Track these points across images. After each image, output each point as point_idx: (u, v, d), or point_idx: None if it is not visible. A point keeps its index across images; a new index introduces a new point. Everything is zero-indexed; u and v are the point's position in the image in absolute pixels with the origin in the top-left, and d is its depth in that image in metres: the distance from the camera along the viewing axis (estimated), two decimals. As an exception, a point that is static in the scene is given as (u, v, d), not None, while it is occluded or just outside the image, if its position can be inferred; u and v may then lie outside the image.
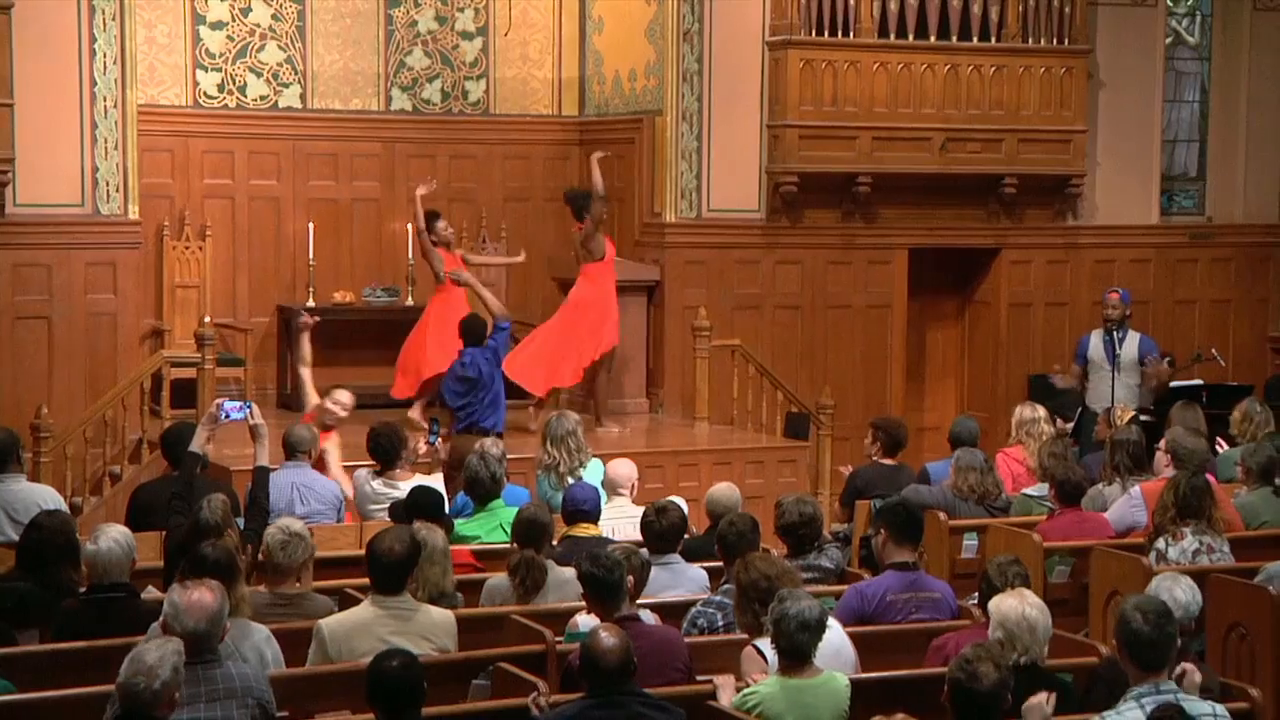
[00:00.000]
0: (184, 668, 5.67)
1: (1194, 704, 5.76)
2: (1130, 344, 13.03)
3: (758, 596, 6.59)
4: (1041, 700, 5.86)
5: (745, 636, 6.76)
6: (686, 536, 8.97)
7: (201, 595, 5.80)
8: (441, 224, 13.37)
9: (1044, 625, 6.24)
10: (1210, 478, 9.16)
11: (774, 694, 6.15)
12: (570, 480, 9.60)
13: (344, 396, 10.43)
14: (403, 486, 9.27)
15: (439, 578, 7.24)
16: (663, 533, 7.90)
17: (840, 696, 6.24)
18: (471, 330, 11.91)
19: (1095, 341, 13.14)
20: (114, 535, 7.12)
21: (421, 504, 8.21)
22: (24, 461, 9.50)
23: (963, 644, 6.19)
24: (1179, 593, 6.52)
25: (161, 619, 5.95)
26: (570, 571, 7.29)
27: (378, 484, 9.56)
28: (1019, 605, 6.23)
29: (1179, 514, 8.38)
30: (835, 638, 6.75)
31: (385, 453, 9.58)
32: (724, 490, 8.90)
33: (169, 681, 5.39)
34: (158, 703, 5.38)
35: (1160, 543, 8.38)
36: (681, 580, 7.92)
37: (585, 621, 6.80)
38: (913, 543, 7.63)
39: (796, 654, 6.19)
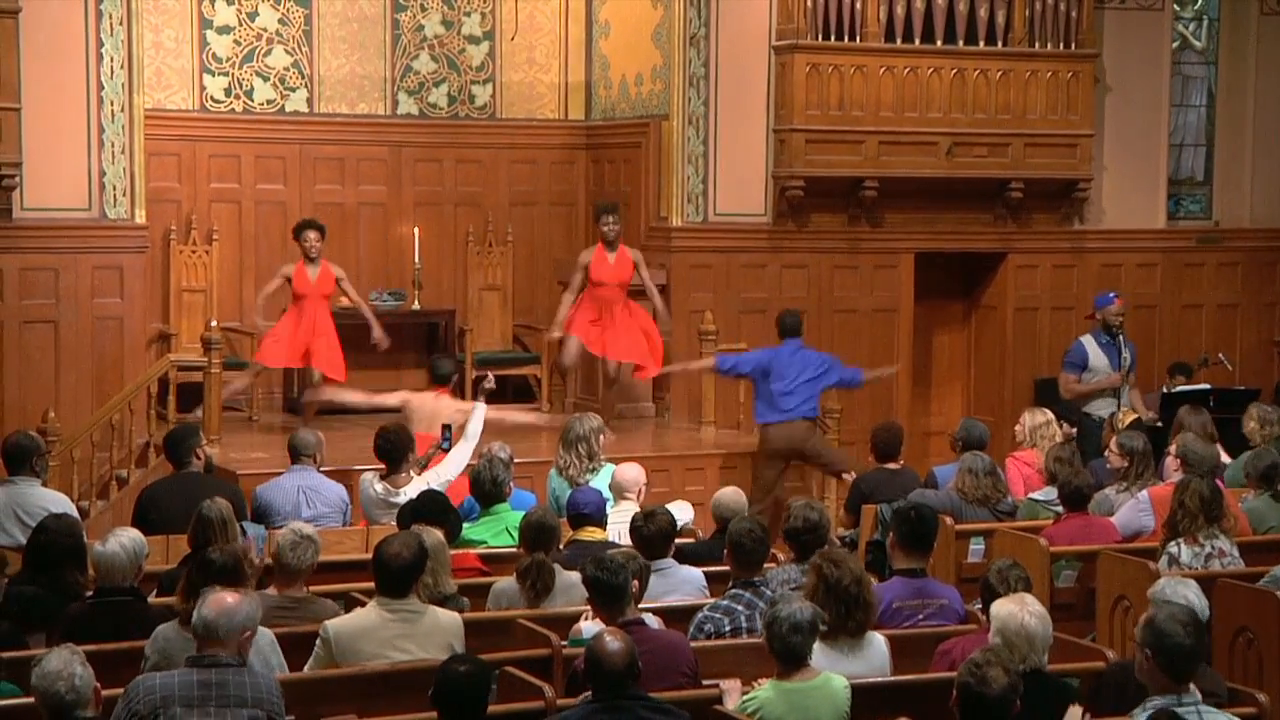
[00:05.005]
0: (196, 670, 5.64)
1: (1213, 716, 5.73)
2: (1128, 351, 12.94)
3: (843, 600, 6.56)
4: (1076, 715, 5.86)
5: (753, 642, 6.75)
6: (693, 540, 8.99)
7: (225, 599, 5.74)
8: (312, 235, 13.02)
9: (1043, 635, 6.18)
10: (1219, 482, 9.14)
11: (771, 699, 6.15)
12: (580, 484, 9.59)
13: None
14: (403, 492, 9.26)
15: (429, 581, 7.20)
16: (650, 538, 7.85)
17: (839, 698, 6.22)
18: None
19: (1094, 349, 13.03)
20: (123, 539, 7.12)
21: (428, 508, 8.18)
22: (44, 470, 9.47)
23: (969, 649, 6.18)
24: (1189, 597, 6.51)
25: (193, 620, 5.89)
26: (577, 575, 7.28)
27: (380, 488, 9.54)
28: (1019, 613, 6.18)
29: (1206, 519, 8.35)
30: (879, 656, 6.74)
31: (392, 452, 9.56)
32: (730, 494, 8.91)
33: (85, 677, 5.40)
34: (83, 702, 5.39)
35: (1173, 547, 8.36)
36: (675, 584, 7.90)
37: (589, 628, 6.80)
38: (922, 552, 7.62)
39: (791, 657, 6.18)
